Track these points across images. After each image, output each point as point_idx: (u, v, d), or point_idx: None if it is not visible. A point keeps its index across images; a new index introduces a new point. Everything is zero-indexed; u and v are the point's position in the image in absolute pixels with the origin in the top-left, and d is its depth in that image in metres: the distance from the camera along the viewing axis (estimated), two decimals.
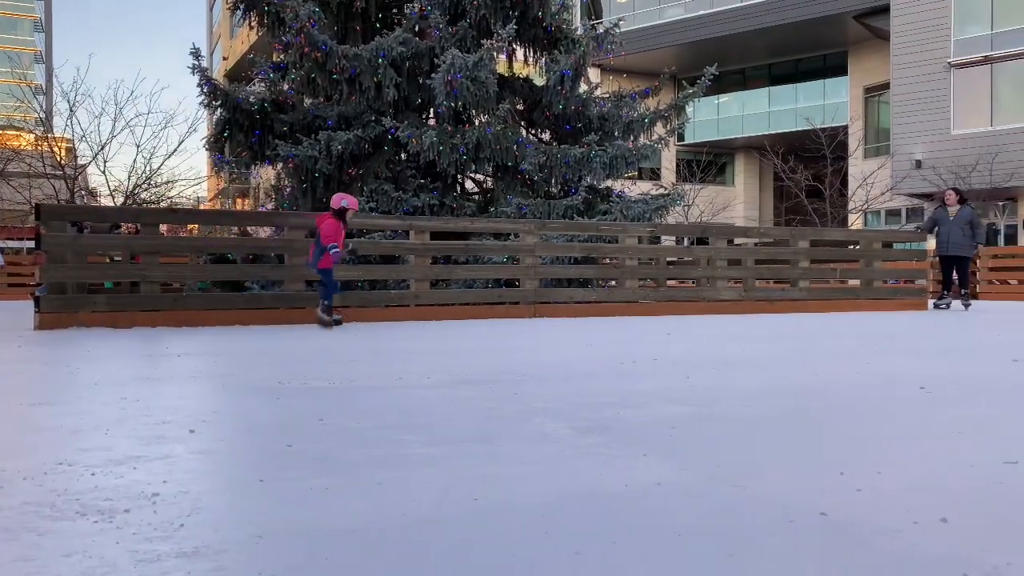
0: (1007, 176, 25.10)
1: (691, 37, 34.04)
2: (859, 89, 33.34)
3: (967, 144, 26.28)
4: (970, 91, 27.12)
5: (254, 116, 11.70)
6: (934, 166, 26.14)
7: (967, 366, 4.88)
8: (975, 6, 27.21)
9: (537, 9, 11.50)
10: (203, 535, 1.69)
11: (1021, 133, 25.69)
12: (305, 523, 1.78)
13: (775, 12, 32.12)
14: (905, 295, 12.07)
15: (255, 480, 2.15)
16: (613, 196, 12.01)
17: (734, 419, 3.07)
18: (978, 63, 26.91)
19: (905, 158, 27.76)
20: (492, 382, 4.03)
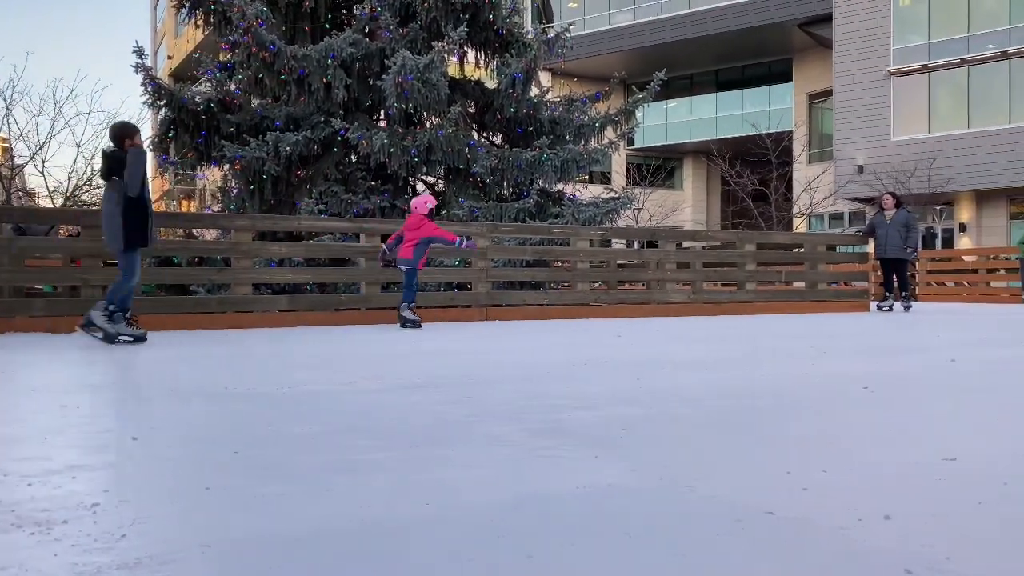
0: (944, 181, 25.92)
1: (640, 43, 34.45)
2: (803, 96, 34.12)
3: (906, 150, 27.07)
4: (909, 99, 27.95)
5: (200, 116, 11.47)
6: (875, 171, 26.85)
7: (908, 366, 5.01)
8: (913, 17, 28.07)
9: (488, 12, 11.51)
10: (146, 546, 1.64)
11: (957, 140, 26.56)
12: (253, 531, 1.75)
13: (722, 19, 32.70)
14: (848, 297, 12.37)
15: (201, 488, 2.10)
16: (565, 199, 12.08)
17: (684, 420, 3.11)
18: (916, 72, 27.75)
19: (847, 163, 28.48)
20: (444, 385, 4.01)
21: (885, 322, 9.43)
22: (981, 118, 26.72)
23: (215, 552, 1.61)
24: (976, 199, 27.57)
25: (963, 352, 5.68)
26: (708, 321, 9.44)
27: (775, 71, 35.57)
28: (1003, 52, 26.23)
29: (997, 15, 26.49)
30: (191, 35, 37.25)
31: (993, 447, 2.64)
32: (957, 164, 26.02)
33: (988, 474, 2.25)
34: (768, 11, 31.64)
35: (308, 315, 8.53)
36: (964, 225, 27.99)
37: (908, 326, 8.86)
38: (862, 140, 28.40)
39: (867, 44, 28.38)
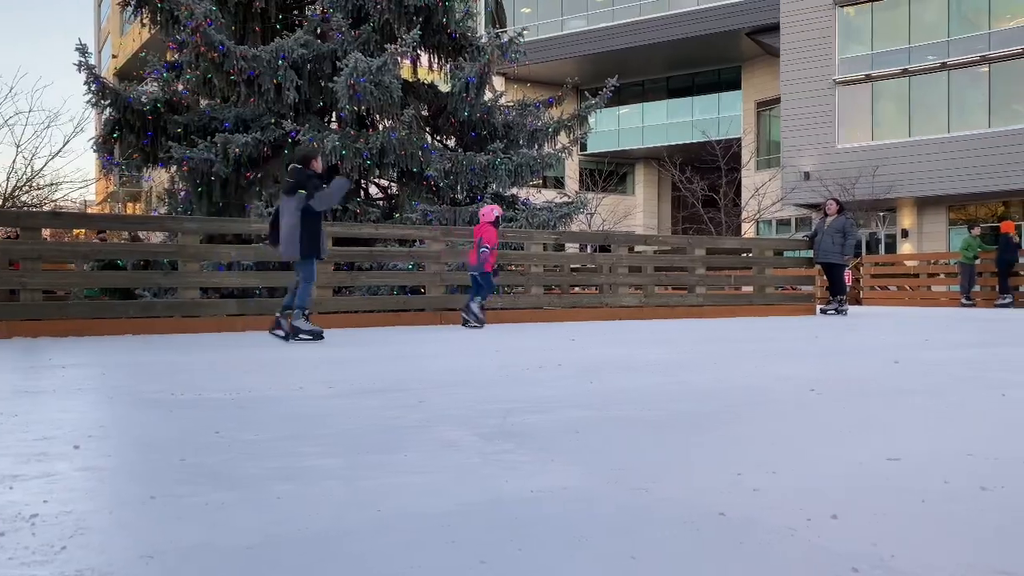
0: (887, 188, 26.65)
1: (593, 49, 34.76)
2: (751, 103, 34.78)
3: (851, 157, 27.77)
4: (853, 107, 28.69)
5: (146, 117, 11.22)
6: (821, 178, 27.49)
7: (853, 368, 5.13)
8: (857, 27, 28.83)
9: (441, 16, 11.48)
10: (87, 558, 1.59)
11: (899, 148, 27.34)
12: (199, 541, 1.70)
13: (672, 27, 33.18)
14: (795, 301, 12.62)
15: (145, 497, 2.04)
16: (518, 204, 12.10)
17: (637, 422, 3.13)
18: (860, 81, 28.50)
19: (794, 170, 29.10)
20: (396, 390, 3.97)
21: (830, 325, 9.63)
22: (921, 127, 27.55)
23: (159, 563, 1.57)
24: (917, 206, 28.40)
25: (906, 354, 5.83)
26: (660, 324, 9.54)
27: (724, 79, 36.22)
28: (942, 63, 27.10)
29: (936, 28, 27.36)
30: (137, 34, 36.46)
31: (935, 447, 2.71)
32: (899, 172, 26.79)
33: (931, 473, 2.30)
34: (717, 20, 32.21)
35: (257, 319, 8.40)
36: (906, 231, 28.81)
37: (853, 329, 9.07)
38: (808, 147, 29.05)
39: (813, 53, 29.06)
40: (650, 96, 38.09)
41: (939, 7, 27.30)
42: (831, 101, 28.85)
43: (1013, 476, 2.27)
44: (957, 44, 26.92)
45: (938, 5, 27.32)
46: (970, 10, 26.83)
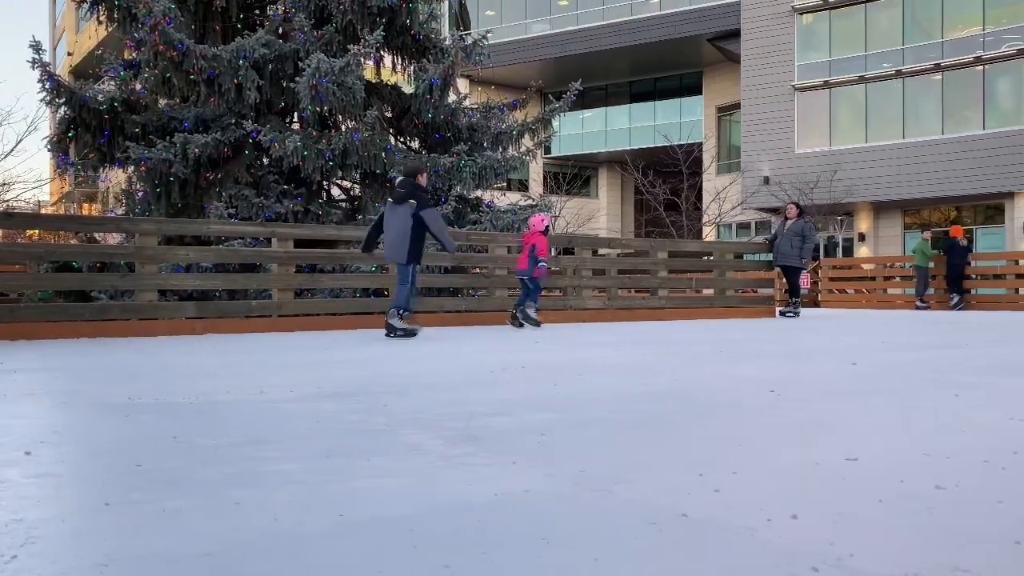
0: (845, 192, 27.15)
1: (556, 52, 34.91)
2: (712, 108, 35.22)
3: (809, 162, 28.25)
4: (812, 113, 29.20)
5: (103, 116, 11.00)
6: (780, 182, 27.92)
7: (812, 369, 5.21)
8: (815, 34, 29.35)
9: (405, 17, 11.44)
10: (39, 567, 1.55)
11: (856, 153, 27.88)
12: (156, 548, 1.67)
13: (635, 32, 33.46)
14: (754, 303, 12.79)
15: (99, 504, 1.99)
16: (483, 206, 12.10)
17: (601, 424, 3.14)
18: (818, 87, 29.01)
19: (754, 175, 29.52)
20: (358, 394, 3.94)
21: (789, 327, 9.78)
22: (877, 133, 28.14)
23: (113, 572, 1.53)
24: (873, 210, 28.99)
25: (863, 356, 5.93)
26: (623, 326, 9.59)
27: (686, 84, 36.62)
28: (897, 71, 27.71)
29: (892, 35, 27.97)
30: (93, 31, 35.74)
31: (892, 447, 2.76)
32: (856, 176, 27.32)
33: (888, 473, 2.34)
34: (679, 25, 32.57)
35: (217, 322, 8.28)
36: (863, 235, 29.38)
37: (811, 331, 9.21)
38: (768, 152, 29.49)
39: (773, 60, 29.52)
40: (613, 100, 38.37)
41: (894, 16, 27.91)
42: (790, 107, 29.33)
43: (967, 475, 2.32)
44: (911, 52, 27.55)
45: (893, 14, 27.93)
46: (924, 19, 27.48)
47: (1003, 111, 26.30)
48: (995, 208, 27.01)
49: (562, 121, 33.67)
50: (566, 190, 34.50)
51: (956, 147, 26.22)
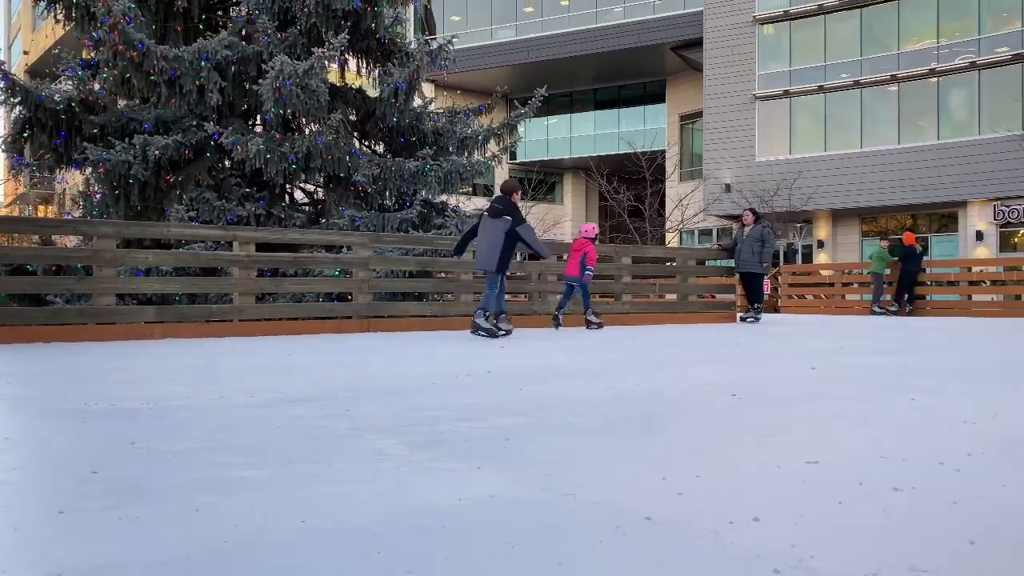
0: (804, 200, 27.60)
1: (522, 59, 35.02)
2: (675, 116, 35.60)
3: (770, 170, 28.68)
4: (772, 122, 29.67)
5: (59, 116, 10.77)
6: (741, 190, 28.30)
7: (773, 374, 5.28)
8: (776, 45, 29.84)
9: (370, 21, 11.39)
10: None
11: (815, 161, 28.37)
12: (112, 557, 1.63)
13: (599, 40, 33.72)
14: (716, 309, 12.93)
15: (53, 512, 1.94)
16: (448, 211, 12.07)
17: (566, 429, 3.15)
18: (779, 97, 29.48)
19: (716, 182, 29.89)
20: (322, 399, 3.90)
21: (750, 332, 9.90)
22: (836, 142, 28.68)
23: None
24: (832, 217, 29.51)
25: (822, 360, 6.03)
26: (588, 331, 9.64)
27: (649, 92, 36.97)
28: (855, 81, 28.28)
29: (850, 47, 28.55)
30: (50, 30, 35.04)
31: (850, 449, 2.81)
32: (815, 184, 27.79)
33: (846, 475, 2.38)
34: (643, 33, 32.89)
35: (176, 327, 8.14)
36: (822, 242, 29.89)
37: (771, 336, 9.34)
38: (729, 160, 29.88)
39: (734, 69, 29.95)
40: (578, 107, 38.59)
41: (852, 27, 28.49)
42: (751, 115, 29.76)
43: (923, 477, 2.36)
44: (869, 63, 28.14)
45: (851, 25, 28.50)
46: (881, 31, 28.09)
47: (956, 122, 26.97)
48: (949, 216, 27.67)
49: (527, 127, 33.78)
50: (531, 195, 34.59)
51: (912, 157, 26.82)
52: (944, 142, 26.58)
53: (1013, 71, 25.60)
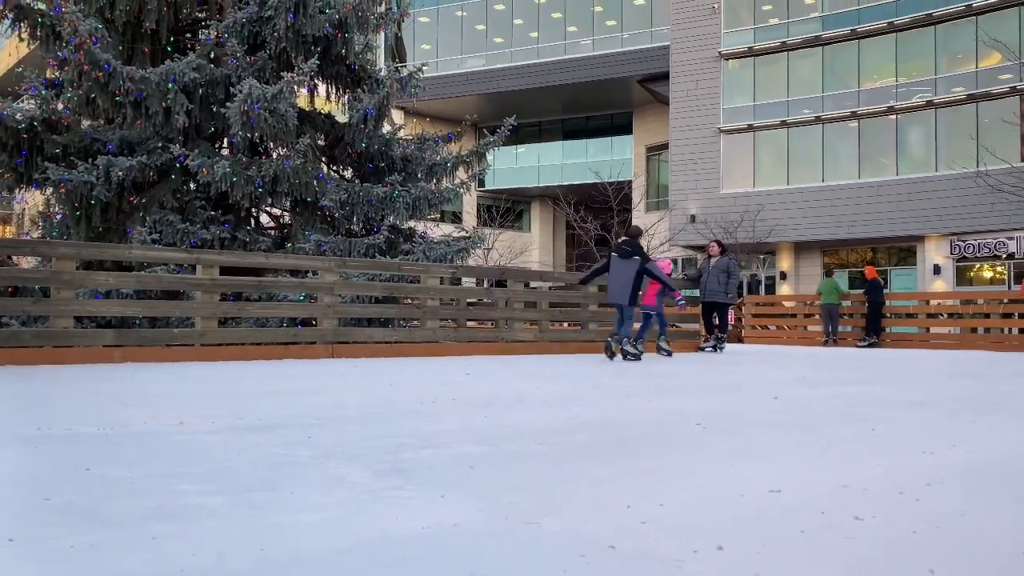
0: (767, 232, 28.04)
1: (491, 88, 35.31)
2: (642, 147, 36.06)
3: (734, 202, 29.12)
4: (736, 155, 30.19)
5: (20, 135, 10.59)
6: (706, 221, 28.67)
7: (736, 403, 5.32)
8: (741, 80, 30.46)
9: (340, 47, 11.41)
10: None
11: (778, 194, 28.88)
12: None
13: (568, 71, 34.16)
14: (680, 338, 13.02)
15: (3, 540, 1.88)
16: (416, 237, 12.05)
17: (531, 457, 3.13)
18: (743, 131, 30.04)
19: (681, 213, 30.26)
20: (283, 426, 3.84)
21: (714, 362, 9.98)
22: (799, 176, 29.25)
23: None
24: (795, 250, 29.99)
25: (785, 391, 6.09)
26: (553, 359, 9.64)
27: (617, 123, 37.45)
28: (817, 117, 28.93)
29: (812, 83, 29.24)
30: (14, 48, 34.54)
31: (812, 479, 2.83)
32: (778, 217, 28.26)
33: (809, 504, 2.40)
34: (611, 66, 33.40)
35: (136, 351, 7.98)
36: (784, 273, 30.33)
37: (735, 366, 9.42)
38: (695, 191, 30.30)
39: (700, 103, 30.48)
40: (546, 137, 38.92)
41: (814, 65, 29.20)
42: (716, 148, 30.26)
43: (883, 506, 2.39)
44: (830, 100, 28.83)
45: (813, 63, 29.22)
46: (841, 69, 28.82)
47: (915, 158, 27.68)
48: (907, 250, 28.27)
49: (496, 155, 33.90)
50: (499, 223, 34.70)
51: (872, 191, 27.43)
52: (903, 178, 27.23)
53: (968, 110, 26.39)
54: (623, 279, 9.41)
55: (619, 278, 9.46)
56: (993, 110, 25.78)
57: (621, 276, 9.45)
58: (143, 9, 10.97)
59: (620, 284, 9.44)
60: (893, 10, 27.37)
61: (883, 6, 27.61)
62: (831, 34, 28.51)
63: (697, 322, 13.77)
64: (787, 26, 29.42)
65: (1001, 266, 26.65)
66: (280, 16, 10.68)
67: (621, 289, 9.45)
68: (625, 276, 9.43)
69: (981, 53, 25.84)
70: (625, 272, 9.44)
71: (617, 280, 9.49)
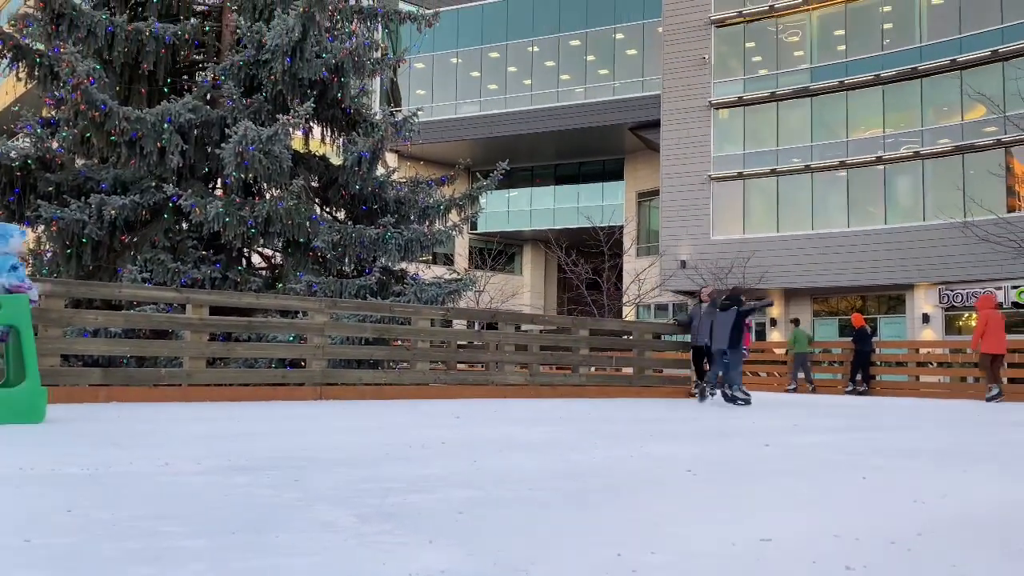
0: (758, 278, 28.19)
1: (485, 133, 35.72)
2: (633, 193, 36.42)
3: (724, 248, 29.32)
4: (727, 202, 30.49)
5: (14, 172, 10.62)
6: (697, 267, 28.83)
7: (727, 450, 5.29)
8: (730, 129, 30.91)
9: (336, 91, 11.54)
10: None
11: (768, 241, 29.11)
12: None
13: (561, 118, 34.64)
14: (672, 383, 13.00)
15: None
16: (407, 278, 12.06)
17: (520, 502, 3.10)
18: (733, 178, 30.39)
19: (672, 258, 30.43)
20: (271, 468, 3.80)
21: (705, 408, 9.95)
22: (788, 223, 29.52)
23: None
24: (785, 296, 30.13)
25: (775, 437, 6.07)
26: (544, 403, 9.59)
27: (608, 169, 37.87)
28: (806, 166, 29.31)
29: (801, 133, 29.69)
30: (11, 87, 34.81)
31: (804, 527, 2.81)
32: (768, 264, 28.44)
33: (800, 553, 2.38)
34: (603, 114, 33.90)
35: (123, 390, 7.91)
36: (775, 320, 30.42)
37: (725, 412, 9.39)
38: (685, 237, 30.52)
39: (690, 151, 30.88)
40: (539, 181, 39.28)
41: (803, 115, 29.68)
42: (706, 195, 30.56)
43: (875, 556, 2.37)
44: (819, 149, 29.25)
45: (802, 113, 29.70)
46: (830, 119, 29.29)
47: (903, 208, 27.99)
48: (897, 298, 28.44)
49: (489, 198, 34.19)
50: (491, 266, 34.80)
51: (861, 240, 27.67)
52: (891, 227, 27.51)
53: (954, 162, 26.79)
54: (725, 327, 10.44)
55: (719, 326, 10.51)
56: (979, 161, 26.18)
57: (722, 325, 10.49)
58: (141, 51, 11.10)
59: (720, 332, 10.52)
60: (879, 63, 27.94)
61: (869, 59, 28.19)
62: (819, 85, 29.03)
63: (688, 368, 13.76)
64: (776, 77, 29.96)
65: None
66: (277, 60, 10.82)
67: (721, 336, 10.49)
68: (726, 325, 10.47)
69: (966, 106, 26.33)
70: (726, 321, 10.49)
71: (718, 328, 10.56)
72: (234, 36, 11.66)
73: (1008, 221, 22.99)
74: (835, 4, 29.08)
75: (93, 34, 10.81)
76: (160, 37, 11.10)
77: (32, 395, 5.49)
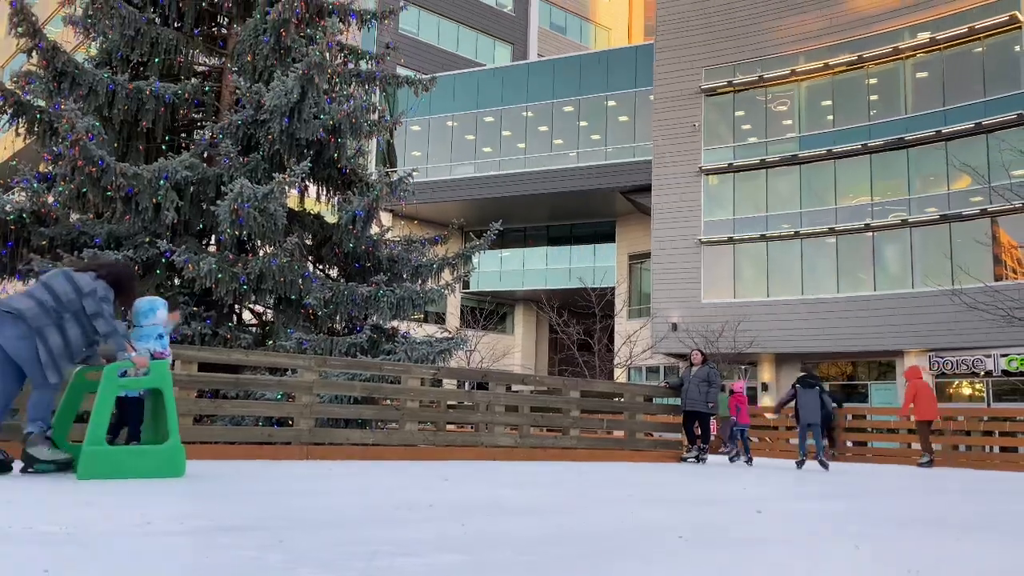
0: (748, 342, 28.22)
1: (479, 194, 36.14)
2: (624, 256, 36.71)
3: (715, 312, 29.43)
4: (717, 266, 30.74)
5: (8, 226, 10.63)
6: (687, 329, 28.88)
7: (719, 516, 5.22)
8: (720, 194, 31.36)
9: (333, 151, 11.67)
10: None
11: (758, 306, 29.26)
12: None
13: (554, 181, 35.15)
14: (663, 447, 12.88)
15: None
16: (399, 336, 12.01)
17: (509, 567, 3.04)
18: (723, 243, 30.70)
19: (663, 321, 30.51)
20: (254, 528, 3.72)
21: (696, 474, 9.85)
22: (778, 288, 29.73)
23: None
24: (776, 361, 30.14)
25: (768, 504, 6.00)
26: (534, 466, 9.48)
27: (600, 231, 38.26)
28: (796, 232, 29.65)
29: (790, 199, 30.13)
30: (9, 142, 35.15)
31: None
32: (758, 328, 28.52)
33: None
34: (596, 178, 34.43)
35: None
36: (766, 384, 30.38)
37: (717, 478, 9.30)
38: (676, 300, 30.67)
39: (681, 215, 31.27)
40: (531, 242, 39.60)
41: (792, 182, 30.17)
42: (697, 259, 30.82)
43: None
44: (808, 216, 29.65)
45: (791, 180, 30.19)
46: (819, 187, 29.77)
47: (891, 275, 28.25)
48: (887, 364, 28.48)
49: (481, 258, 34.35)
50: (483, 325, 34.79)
51: (850, 306, 27.84)
52: (880, 293, 27.71)
53: (941, 230, 27.16)
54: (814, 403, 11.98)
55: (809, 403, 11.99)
56: (966, 230, 26.55)
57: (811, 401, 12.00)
58: (141, 109, 11.25)
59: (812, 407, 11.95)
60: (866, 133, 28.54)
61: (857, 129, 28.81)
62: (808, 154, 29.57)
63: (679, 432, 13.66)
64: (765, 145, 30.54)
65: (980, 383, 26.84)
66: (275, 120, 10.97)
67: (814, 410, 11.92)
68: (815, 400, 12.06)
69: (952, 176, 26.82)
70: (814, 399, 12.06)
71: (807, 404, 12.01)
72: (233, 96, 11.84)
73: (996, 289, 23.20)
74: (822, 75, 29.84)
75: (94, 92, 10.97)
76: (160, 96, 11.26)
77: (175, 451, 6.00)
